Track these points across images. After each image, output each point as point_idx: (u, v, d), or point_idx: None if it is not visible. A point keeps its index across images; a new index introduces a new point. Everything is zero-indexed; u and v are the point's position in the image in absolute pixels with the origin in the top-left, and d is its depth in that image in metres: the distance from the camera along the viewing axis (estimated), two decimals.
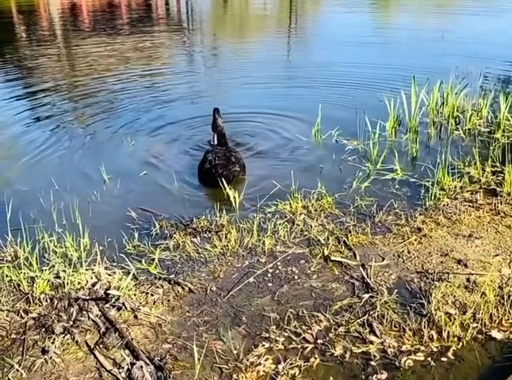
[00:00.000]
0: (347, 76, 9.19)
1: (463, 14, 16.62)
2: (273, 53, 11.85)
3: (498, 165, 5.36)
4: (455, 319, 3.33)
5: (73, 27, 16.22)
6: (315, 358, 3.11)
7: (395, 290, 3.66)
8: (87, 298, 3.59)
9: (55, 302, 3.57)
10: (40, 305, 3.56)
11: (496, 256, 4.04)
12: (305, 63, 10.92)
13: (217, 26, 18.15)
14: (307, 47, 13.30)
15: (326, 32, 14.82)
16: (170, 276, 3.85)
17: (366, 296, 3.61)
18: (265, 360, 3.09)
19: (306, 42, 14.11)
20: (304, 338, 3.26)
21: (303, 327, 3.34)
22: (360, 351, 3.16)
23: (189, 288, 3.73)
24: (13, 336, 3.32)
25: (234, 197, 4.79)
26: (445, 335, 3.23)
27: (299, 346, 3.20)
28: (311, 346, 3.20)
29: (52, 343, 3.22)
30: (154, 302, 3.60)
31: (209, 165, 5.27)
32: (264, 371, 3.02)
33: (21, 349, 3.21)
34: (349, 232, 4.36)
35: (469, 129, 6.54)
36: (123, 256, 4.07)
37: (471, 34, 13.14)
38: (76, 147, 6.33)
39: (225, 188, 4.93)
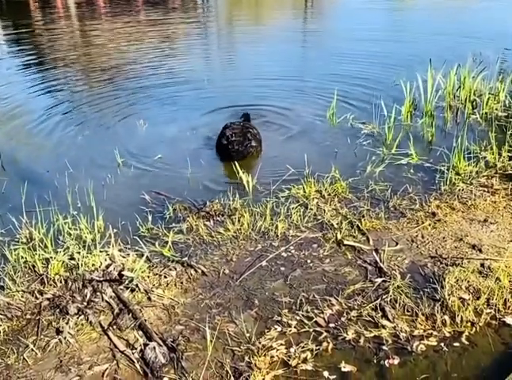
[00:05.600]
0: (363, 58, 9.13)
1: None
2: (288, 35, 11.77)
3: None
4: (468, 304, 3.32)
5: (88, 8, 16.20)
6: (328, 342, 3.11)
7: (409, 275, 3.65)
8: (101, 279, 3.62)
9: (70, 283, 3.61)
10: (54, 287, 3.60)
11: (511, 241, 4.00)
12: (320, 45, 10.86)
13: (233, 7, 18.02)
14: (323, 29, 13.17)
15: (342, 15, 14.68)
16: (183, 259, 3.86)
17: (379, 280, 3.59)
18: (278, 343, 3.10)
19: (321, 25, 13.96)
20: (316, 322, 3.26)
21: (316, 311, 3.34)
22: (372, 335, 3.16)
23: (202, 271, 3.75)
24: (28, 316, 3.37)
25: (248, 181, 4.78)
26: (458, 320, 3.22)
27: (312, 330, 3.20)
28: (323, 330, 3.20)
29: (66, 323, 3.26)
30: (168, 284, 3.62)
31: (226, 141, 5.46)
32: (276, 354, 3.03)
33: (36, 329, 3.25)
34: (363, 216, 4.34)
35: (486, 113, 6.45)
36: (136, 238, 4.09)
37: (490, 14, 12.93)
38: (90, 130, 6.36)
39: (238, 166, 4.99)
